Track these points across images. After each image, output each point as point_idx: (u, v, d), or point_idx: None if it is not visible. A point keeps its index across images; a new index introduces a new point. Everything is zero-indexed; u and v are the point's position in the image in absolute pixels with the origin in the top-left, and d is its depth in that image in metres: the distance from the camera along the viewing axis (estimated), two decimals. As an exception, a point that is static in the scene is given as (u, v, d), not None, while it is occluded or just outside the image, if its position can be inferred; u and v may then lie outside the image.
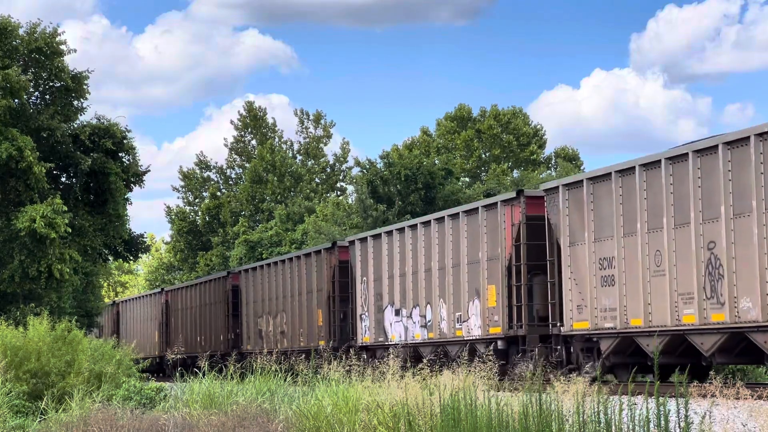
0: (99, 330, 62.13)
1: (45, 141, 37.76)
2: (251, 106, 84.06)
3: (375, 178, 56.53)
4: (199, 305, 50.15)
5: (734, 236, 20.35)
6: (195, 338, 50.10)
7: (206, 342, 48.57)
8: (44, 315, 22.73)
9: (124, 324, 62.29)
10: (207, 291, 49.39)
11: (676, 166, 21.78)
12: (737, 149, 20.37)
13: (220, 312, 47.10)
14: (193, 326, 50.90)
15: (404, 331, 31.70)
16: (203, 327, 49.53)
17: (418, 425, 13.95)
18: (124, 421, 15.77)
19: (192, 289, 52.07)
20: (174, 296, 54.69)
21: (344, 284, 36.55)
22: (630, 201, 22.89)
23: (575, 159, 77.08)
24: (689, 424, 11.43)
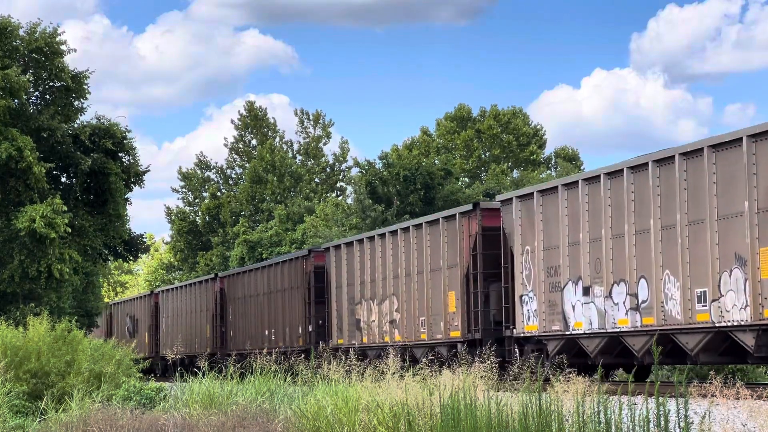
0: (133, 324, 59.57)
1: (45, 141, 37.77)
2: (252, 106, 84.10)
3: (374, 178, 56.52)
4: (268, 292, 42.35)
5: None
6: (261, 331, 42.58)
7: (278, 336, 40.82)
8: (44, 315, 22.73)
9: (166, 317, 55.06)
10: (281, 274, 41.05)
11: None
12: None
13: (299, 299, 39.16)
14: (259, 317, 42.99)
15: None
16: (274, 318, 41.51)
17: (418, 425, 13.95)
18: (124, 421, 15.77)
19: (257, 273, 43.88)
20: (233, 282, 46.93)
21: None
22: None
23: (575, 159, 77.08)
24: (689, 424, 11.43)
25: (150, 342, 54.55)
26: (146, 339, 55.56)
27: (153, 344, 53.94)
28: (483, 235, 28.17)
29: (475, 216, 28.51)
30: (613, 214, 23.36)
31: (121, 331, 60.29)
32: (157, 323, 54.70)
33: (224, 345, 46.11)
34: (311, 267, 38.55)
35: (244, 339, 44.04)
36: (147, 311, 56.17)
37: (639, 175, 22.63)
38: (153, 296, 56.15)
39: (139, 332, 56.83)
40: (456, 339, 28.67)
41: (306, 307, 38.69)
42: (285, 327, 40.43)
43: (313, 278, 38.46)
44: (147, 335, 55.69)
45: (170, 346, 47.72)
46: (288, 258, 41.31)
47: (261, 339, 41.90)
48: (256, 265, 45.12)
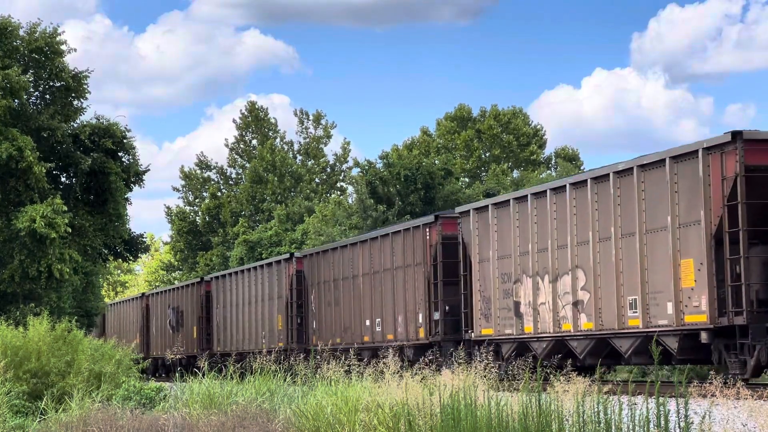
0: (177, 317, 52.84)
1: (45, 141, 37.78)
2: (253, 106, 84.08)
3: (374, 178, 56.52)
4: (370, 272, 35.09)
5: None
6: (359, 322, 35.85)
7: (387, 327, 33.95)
8: (44, 315, 22.72)
9: (220, 307, 47.90)
10: (390, 249, 33.87)
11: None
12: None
13: (417, 279, 32.36)
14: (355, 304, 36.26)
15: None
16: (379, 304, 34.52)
17: (418, 425, 13.95)
18: (124, 421, 15.77)
19: (354, 249, 36.39)
20: (316, 263, 39.52)
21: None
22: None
23: (575, 159, 77.08)
24: (689, 424, 11.43)
25: (199, 336, 49.45)
26: (194, 333, 50.04)
27: (202, 339, 49.08)
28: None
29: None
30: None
31: (161, 326, 55.48)
32: (209, 315, 48.97)
33: (302, 338, 39.83)
34: (437, 237, 31.26)
35: (332, 331, 37.34)
36: (195, 301, 50.24)
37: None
38: (204, 284, 49.81)
39: (185, 326, 51.61)
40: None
41: (430, 290, 31.46)
42: (396, 315, 33.08)
43: (440, 251, 31.10)
44: (196, 329, 50.07)
45: (226, 341, 45.98)
46: (400, 228, 33.45)
47: (358, 331, 35.28)
48: (352, 239, 37.81)
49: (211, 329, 48.19)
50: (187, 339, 49.94)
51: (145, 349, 55.31)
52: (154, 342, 55.43)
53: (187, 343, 49.34)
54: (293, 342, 39.40)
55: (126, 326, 60.69)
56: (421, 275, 31.65)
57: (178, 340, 50.30)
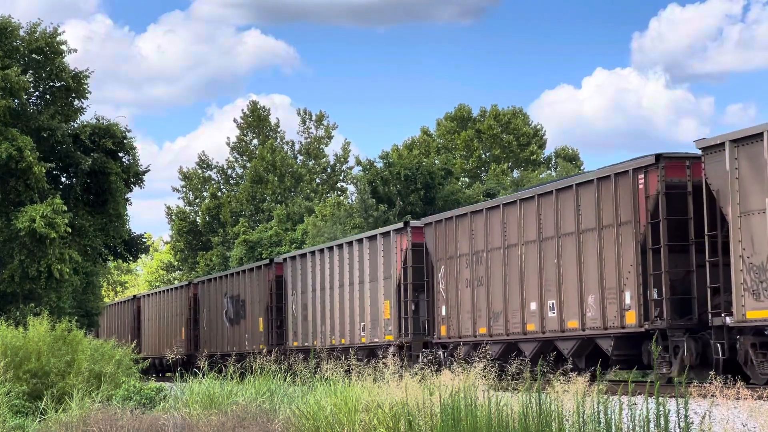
0: (236, 307, 45.78)
1: (45, 141, 37.78)
2: (255, 106, 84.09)
3: (375, 178, 56.52)
4: (534, 239, 26.88)
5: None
6: (522, 302, 27.66)
7: (568, 307, 25.79)
8: (44, 315, 22.73)
9: (295, 294, 40.54)
10: (591, 203, 24.96)
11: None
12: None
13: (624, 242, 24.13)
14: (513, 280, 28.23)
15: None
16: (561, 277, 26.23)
17: (418, 425, 13.95)
18: (124, 421, 15.77)
19: (527, 205, 27.36)
20: (439, 233, 31.19)
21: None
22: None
23: (575, 159, 77.09)
24: (689, 424, 11.43)
25: (268, 330, 42.24)
26: (261, 326, 42.77)
27: (272, 333, 42.00)
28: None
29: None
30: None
31: (214, 319, 48.29)
32: (281, 304, 41.72)
33: (420, 329, 32.31)
34: (658, 186, 22.20)
35: (474, 318, 29.08)
36: (263, 288, 42.86)
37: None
38: (273, 267, 42.33)
39: (248, 317, 44.17)
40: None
41: (644, 259, 22.71)
42: (585, 295, 24.29)
43: (662, 205, 22.13)
44: (263, 321, 42.61)
45: (306, 334, 39.09)
46: (594, 177, 24.52)
47: (518, 317, 27.23)
48: (524, 193, 27.86)
49: (285, 320, 40.99)
50: (252, 333, 43.64)
51: (192, 346, 50.38)
52: (206, 337, 49.20)
53: (252, 338, 43.39)
54: (407, 334, 32.21)
55: (167, 320, 54.63)
56: (629, 239, 23.15)
57: (238, 335, 45.23)
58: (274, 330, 41.78)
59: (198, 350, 48.14)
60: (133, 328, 58.25)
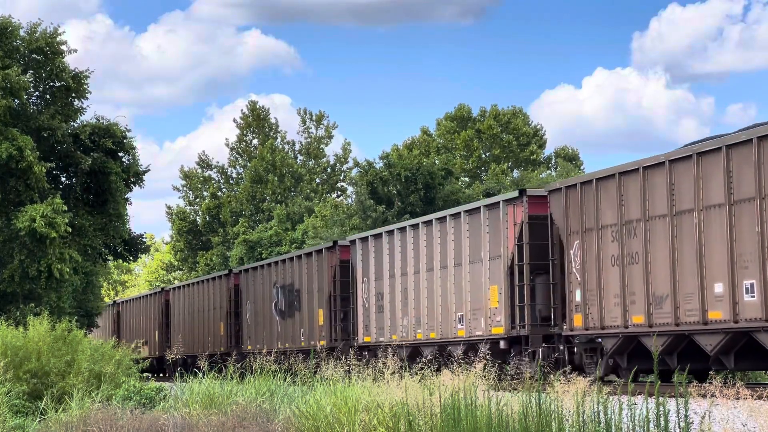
0: (288, 298, 40.30)
1: (45, 141, 37.79)
2: (255, 106, 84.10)
3: (375, 178, 56.53)
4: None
5: None
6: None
7: None
8: (44, 315, 22.73)
9: (367, 280, 34.66)
10: None
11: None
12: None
13: None
14: None
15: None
16: None
17: (418, 425, 13.95)
18: (124, 421, 15.77)
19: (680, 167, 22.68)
20: (574, 199, 25.87)
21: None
22: None
23: (575, 159, 77.12)
24: (689, 424, 11.43)
25: (330, 323, 36.72)
26: (320, 318, 37.49)
27: (335, 327, 36.56)
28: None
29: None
30: None
31: (260, 311, 42.66)
32: (347, 293, 36.12)
33: (547, 319, 26.57)
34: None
35: (624, 302, 23.60)
36: (323, 276, 37.06)
37: None
38: (338, 251, 36.73)
39: (304, 309, 38.50)
40: None
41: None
42: None
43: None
44: (324, 313, 37.15)
45: (382, 329, 33.11)
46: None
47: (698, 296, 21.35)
48: (703, 145, 21.90)
49: (352, 312, 35.45)
50: (310, 327, 37.94)
51: (233, 342, 45.34)
52: (250, 333, 43.67)
53: (309, 332, 37.87)
54: (522, 326, 26.65)
55: (202, 314, 49.32)
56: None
57: (291, 329, 39.67)
58: (337, 323, 36.09)
59: (240, 346, 43.57)
60: (161, 324, 54.01)
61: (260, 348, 39.28)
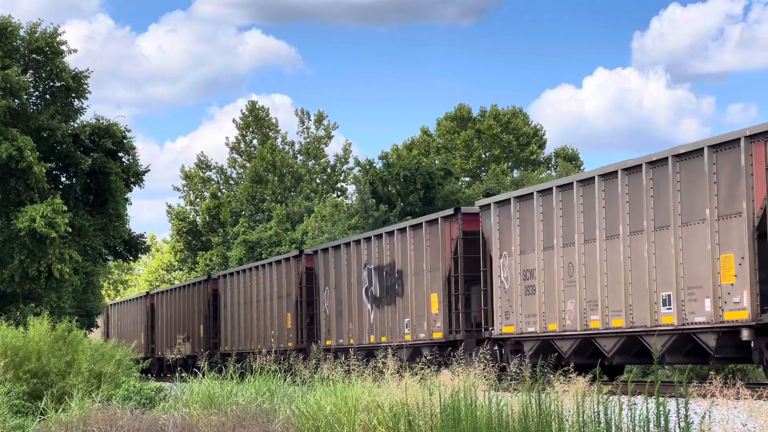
0: (388, 281, 32.68)
1: (45, 141, 37.78)
2: (254, 106, 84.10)
3: (374, 178, 56.55)
4: None
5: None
6: None
7: None
8: (44, 315, 22.73)
9: (507, 256, 27.47)
10: None
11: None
12: None
13: None
14: None
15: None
16: None
17: (418, 425, 13.95)
18: (124, 421, 15.77)
19: None
20: None
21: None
22: None
23: (575, 159, 77.13)
24: (689, 424, 11.43)
25: (447, 311, 29.60)
26: (434, 305, 30.17)
27: (457, 316, 29.34)
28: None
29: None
30: None
31: (345, 299, 35.59)
32: (474, 272, 28.93)
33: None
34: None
35: None
36: (439, 251, 29.98)
37: None
38: (460, 219, 29.38)
39: (409, 295, 31.54)
40: None
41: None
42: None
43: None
44: (438, 298, 30.13)
45: (529, 316, 26.47)
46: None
47: None
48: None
49: (485, 296, 28.55)
50: (417, 315, 31.17)
51: (304, 336, 38.84)
52: (329, 325, 36.80)
53: (417, 322, 31.18)
54: None
55: (261, 304, 42.57)
56: None
57: (390, 319, 32.72)
58: (460, 311, 29.05)
59: (315, 341, 37.28)
60: (206, 317, 47.88)
61: (343, 342, 35.14)
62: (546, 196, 25.75)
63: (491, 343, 27.24)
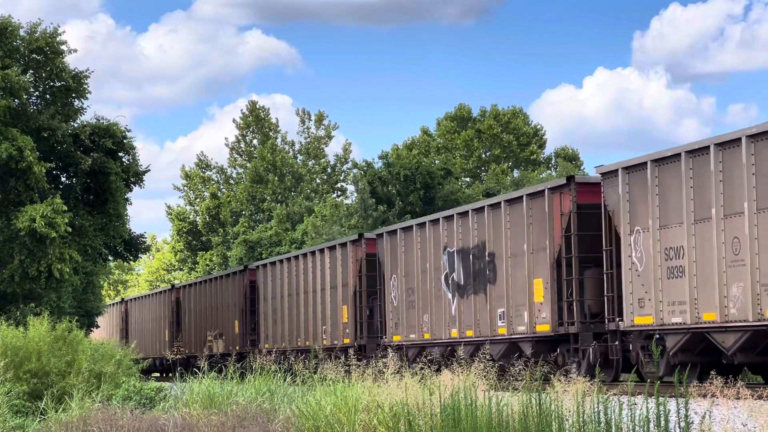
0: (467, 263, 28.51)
1: (45, 141, 37.77)
2: (254, 106, 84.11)
3: (374, 178, 56.57)
4: None
5: None
6: None
7: None
8: (44, 315, 22.72)
9: (642, 239, 22.55)
10: None
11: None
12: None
13: None
14: None
15: None
16: None
17: (418, 425, 13.94)
18: (124, 421, 15.77)
19: None
20: None
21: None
22: None
23: (575, 159, 77.12)
24: (689, 424, 11.43)
25: (552, 298, 25.39)
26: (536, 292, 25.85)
27: (558, 304, 25.29)
28: None
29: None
30: None
31: (416, 285, 31.25)
32: (594, 252, 24.52)
33: None
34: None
35: None
36: (542, 228, 25.74)
37: None
38: (573, 189, 24.97)
39: (502, 280, 27.24)
40: None
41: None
42: None
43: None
44: (544, 284, 25.60)
45: None
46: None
47: None
48: None
49: (614, 279, 23.85)
50: (512, 305, 26.64)
51: (363, 331, 34.72)
52: (396, 318, 32.30)
53: (513, 313, 26.48)
54: None
55: (310, 296, 38.46)
56: None
57: (473, 310, 28.33)
58: (574, 300, 24.78)
59: (378, 336, 33.63)
60: (243, 312, 44.37)
61: (416, 338, 30.96)
62: (699, 157, 21.19)
63: (615, 336, 23.31)
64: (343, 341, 34.75)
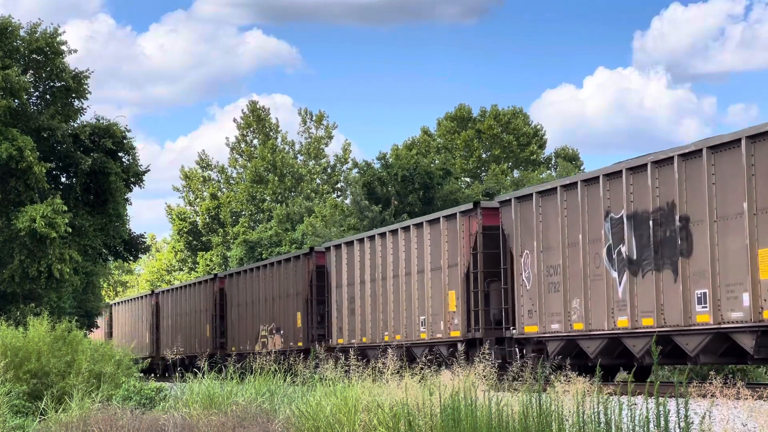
0: (643, 232, 20.48)
1: (45, 141, 37.79)
2: (255, 106, 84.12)
3: (372, 179, 56.57)
4: None
5: None
6: None
7: None
8: (44, 315, 22.73)
9: None
10: None
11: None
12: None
13: None
14: None
15: None
16: None
17: (418, 425, 13.94)
18: (124, 421, 15.77)
19: None
20: None
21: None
22: None
23: (575, 159, 77.13)
24: (689, 424, 11.43)
25: None
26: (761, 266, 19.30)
27: None
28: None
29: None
30: None
31: (556, 267, 25.16)
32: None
33: None
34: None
35: None
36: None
37: None
38: None
39: (699, 253, 20.65)
40: None
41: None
42: None
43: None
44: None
45: None
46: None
47: None
48: None
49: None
50: (721, 285, 20.17)
51: (480, 322, 28.08)
52: (529, 304, 26.15)
53: (723, 296, 20.10)
54: None
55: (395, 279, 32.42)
56: None
57: (650, 294, 21.98)
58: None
59: (509, 327, 26.97)
60: (307, 301, 38.28)
61: (559, 329, 24.81)
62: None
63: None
64: (449, 334, 29.16)
